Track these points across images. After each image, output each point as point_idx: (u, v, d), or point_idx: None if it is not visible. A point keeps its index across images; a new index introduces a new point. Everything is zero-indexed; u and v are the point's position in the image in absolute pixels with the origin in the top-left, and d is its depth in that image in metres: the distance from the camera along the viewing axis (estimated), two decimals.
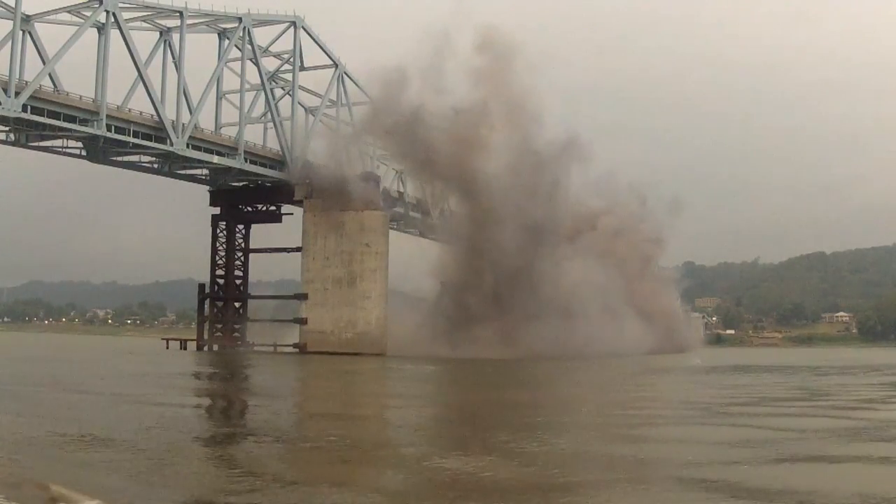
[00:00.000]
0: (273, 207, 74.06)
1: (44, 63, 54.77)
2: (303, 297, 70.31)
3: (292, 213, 73.36)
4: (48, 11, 55.75)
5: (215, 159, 65.76)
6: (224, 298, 73.92)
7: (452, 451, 14.26)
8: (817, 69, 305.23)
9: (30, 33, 54.36)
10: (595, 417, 21.64)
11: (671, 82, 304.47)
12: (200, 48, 68.00)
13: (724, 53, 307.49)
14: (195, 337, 76.46)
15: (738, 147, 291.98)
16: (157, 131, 60.92)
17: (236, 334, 73.62)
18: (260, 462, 13.02)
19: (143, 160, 66.06)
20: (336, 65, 73.37)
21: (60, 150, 61.17)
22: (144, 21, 62.28)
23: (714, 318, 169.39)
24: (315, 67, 73.77)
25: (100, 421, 17.66)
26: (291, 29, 70.82)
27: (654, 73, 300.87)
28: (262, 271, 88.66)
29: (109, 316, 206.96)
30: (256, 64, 68.64)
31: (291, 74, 72.05)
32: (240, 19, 66.69)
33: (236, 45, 67.36)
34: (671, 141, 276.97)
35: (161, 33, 63.48)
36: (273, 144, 71.27)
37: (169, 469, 11.95)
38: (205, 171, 70.21)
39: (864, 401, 26.55)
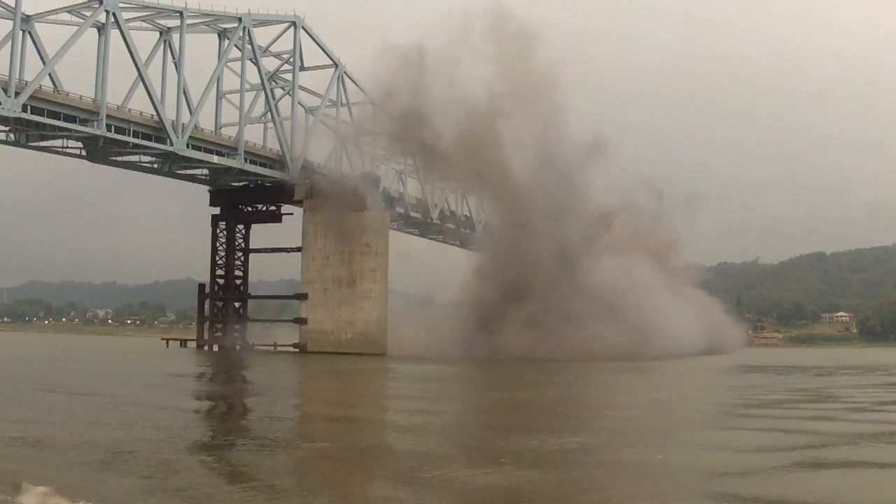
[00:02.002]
0: (273, 207, 74.07)
1: (44, 63, 54.80)
2: (303, 297, 70.33)
3: (292, 213, 73.46)
4: (48, 11, 55.81)
5: (215, 159, 65.80)
6: (224, 298, 73.95)
7: None
8: (829, 68, 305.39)
9: (30, 33, 54.38)
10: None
11: (677, 81, 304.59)
12: (200, 48, 68.18)
13: (734, 52, 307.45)
14: (195, 337, 76.58)
15: (743, 147, 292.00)
16: (157, 131, 60.94)
17: (236, 334, 73.63)
18: None
19: (143, 160, 66.06)
20: (336, 65, 73.38)
21: (60, 150, 61.17)
22: (144, 21, 62.32)
23: None
24: (315, 67, 73.80)
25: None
26: (291, 29, 70.86)
27: (661, 71, 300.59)
28: (262, 271, 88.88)
29: (109, 316, 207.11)
30: (256, 64, 68.67)
31: (291, 74, 72.08)
32: (240, 19, 66.73)
33: (236, 45, 67.39)
34: (672, 139, 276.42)
35: (161, 33, 63.52)
36: (273, 144, 71.37)
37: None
38: (205, 171, 70.23)
39: None
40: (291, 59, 71.91)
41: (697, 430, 18.44)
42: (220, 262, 73.93)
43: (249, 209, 74.69)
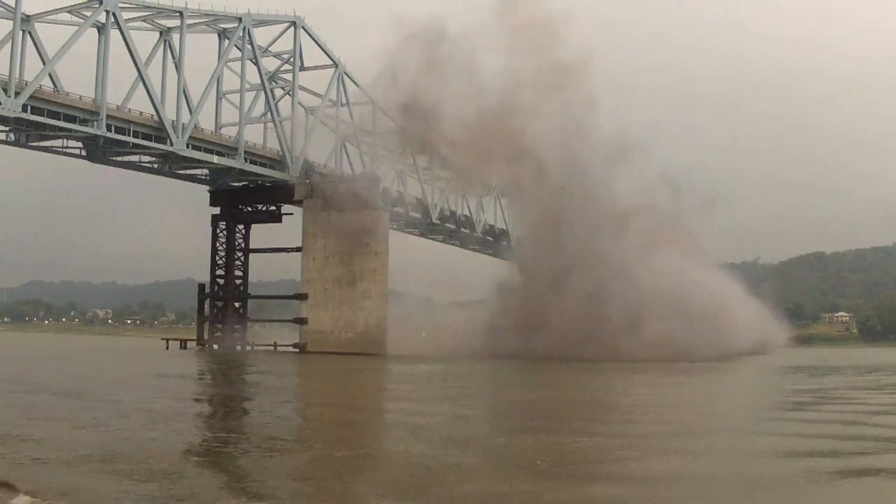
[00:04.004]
0: (273, 207, 74.09)
1: (44, 63, 54.82)
2: (303, 297, 70.36)
3: (292, 213, 73.50)
4: (48, 11, 55.83)
5: (215, 159, 65.82)
6: (224, 298, 73.93)
7: None
8: (837, 67, 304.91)
9: (30, 33, 54.40)
10: None
11: (681, 79, 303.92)
12: (200, 48, 68.19)
13: (740, 51, 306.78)
14: (195, 337, 76.59)
15: (745, 146, 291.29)
16: (157, 131, 60.97)
17: (236, 334, 73.64)
18: None
19: (143, 160, 66.14)
20: (336, 65, 73.36)
21: (60, 150, 61.21)
22: (144, 21, 62.37)
23: None
24: (315, 67, 73.78)
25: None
26: (291, 29, 70.85)
27: (664, 68, 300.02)
28: (262, 271, 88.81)
29: (109, 316, 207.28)
30: (256, 64, 68.68)
31: (291, 74, 72.09)
32: (240, 19, 66.74)
33: (236, 45, 67.39)
34: (672, 137, 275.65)
35: (161, 33, 63.55)
36: (273, 144, 71.39)
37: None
38: (205, 171, 70.28)
39: None
40: (291, 59, 71.91)
41: None
42: (220, 262, 73.93)
43: (249, 209, 74.71)
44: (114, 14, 56.91)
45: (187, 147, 62.82)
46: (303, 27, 71.18)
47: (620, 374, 41.88)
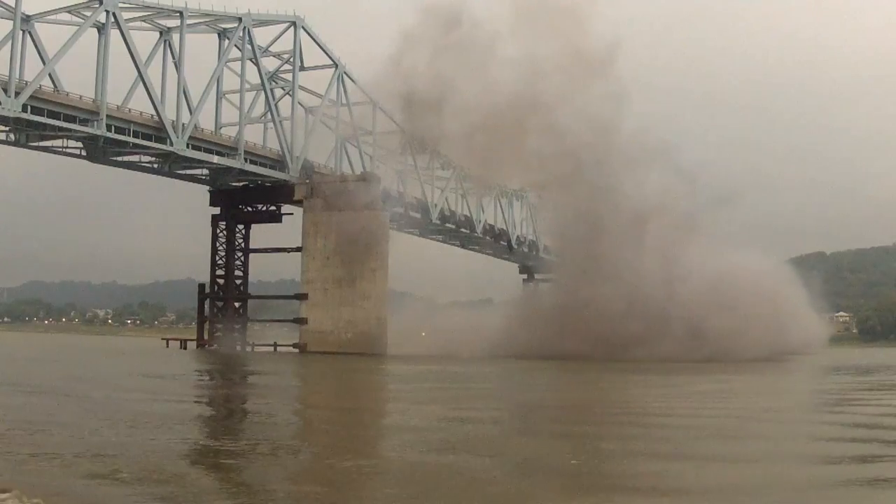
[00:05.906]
0: (273, 207, 74.09)
1: (44, 63, 54.87)
2: (303, 297, 70.36)
3: (292, 213, 73.52)
4: (48, 11, 55.88)
5: (215, 159, 65.83)
6: (224, 298, 73.92)
7: None
8: (850, 67, 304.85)
9: (30, 33, 54.45)
10: None
11: (695, 77, 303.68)
12: (200, 48, 68.28)
13: (755, 50, 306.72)
14: (195, 337, 76.59)
15: (752, 145, 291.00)
16: (157, 131, 60.99)
17: (236, 334, 73.61)
18: None
19: (143, 160, 66.16)
20: (336, 65, 73.34)
21: (60, 150, 61.25)
22: (144, 21, 62.41)
23: None
24: (315, 67, 73.79)
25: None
26: (291, 29, 70.86)
27: (679, 66, 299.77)
28: (262, 271, 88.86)
29: (109, 316, 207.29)
30: (256, 64, 68.69)
31: (291, 74, 72.08)
32: (240, 19, 66.74)
33: (236, 45, 67.41)
34: (675, 135, 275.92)
35: (161, 33, 63.58)
36: (273, 144, 71.40)
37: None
38: (205, 171, 70.28)
39: None
40: (291, 59, 71.91)
41: None
42: (220, 262, 73.90)
43: (249, 209, 74.69)
44: (114, 14, 56.94)
45: (187, 147, 62.83)
46: (303, 27, 71.20)
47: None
